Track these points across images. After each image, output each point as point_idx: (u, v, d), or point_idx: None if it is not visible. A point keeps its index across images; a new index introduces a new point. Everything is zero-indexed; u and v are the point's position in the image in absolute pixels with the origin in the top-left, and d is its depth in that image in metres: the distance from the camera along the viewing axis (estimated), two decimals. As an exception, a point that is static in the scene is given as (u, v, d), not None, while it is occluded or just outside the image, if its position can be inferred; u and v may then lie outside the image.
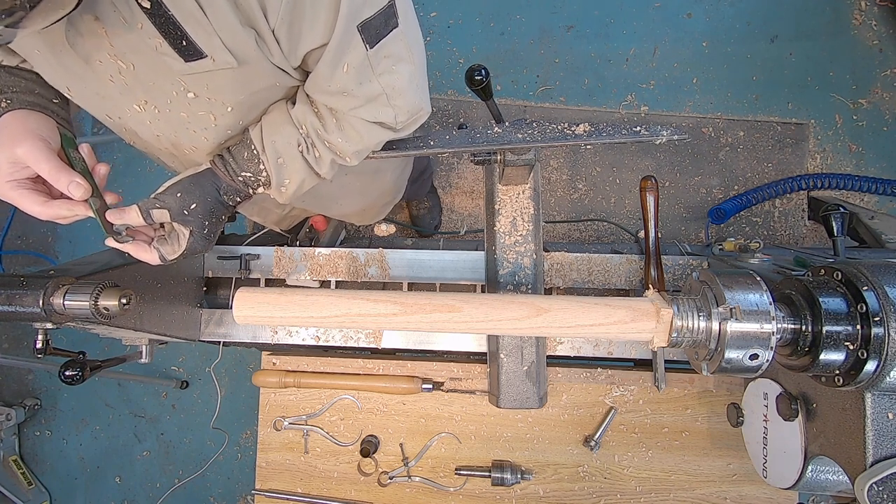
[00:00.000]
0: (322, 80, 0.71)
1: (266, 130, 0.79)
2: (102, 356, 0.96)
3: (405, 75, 0.75)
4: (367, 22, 0.66)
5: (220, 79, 0.69)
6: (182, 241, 0.80)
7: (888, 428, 0.65)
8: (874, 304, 0.64)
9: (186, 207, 0.78)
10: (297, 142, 0.79)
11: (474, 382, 1.16)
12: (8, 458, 2.31)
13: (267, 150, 0.79)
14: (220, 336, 1.12)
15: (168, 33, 0.62)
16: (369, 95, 0.74)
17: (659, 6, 2.19)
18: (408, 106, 0.78)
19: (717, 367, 0.69)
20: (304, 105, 0.78)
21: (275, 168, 0.80)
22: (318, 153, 0.81)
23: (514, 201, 1.04)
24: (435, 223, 2.11)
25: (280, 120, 0.79)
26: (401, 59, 0.73)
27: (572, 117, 2.16)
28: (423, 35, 0.80)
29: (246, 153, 0.79)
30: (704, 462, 1.12)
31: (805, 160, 2.11)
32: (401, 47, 0.72)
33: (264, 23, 0.63)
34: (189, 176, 0.79)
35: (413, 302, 0.73)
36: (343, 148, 0.80)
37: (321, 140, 0.79)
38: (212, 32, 0.62)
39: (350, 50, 0.68)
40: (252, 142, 0.79)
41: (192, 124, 0.77)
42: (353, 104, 0.74)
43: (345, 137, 0.79)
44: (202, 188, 0.79)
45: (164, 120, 0.77)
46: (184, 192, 0.78)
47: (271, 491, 1.17)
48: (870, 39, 2.14)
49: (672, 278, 1.08)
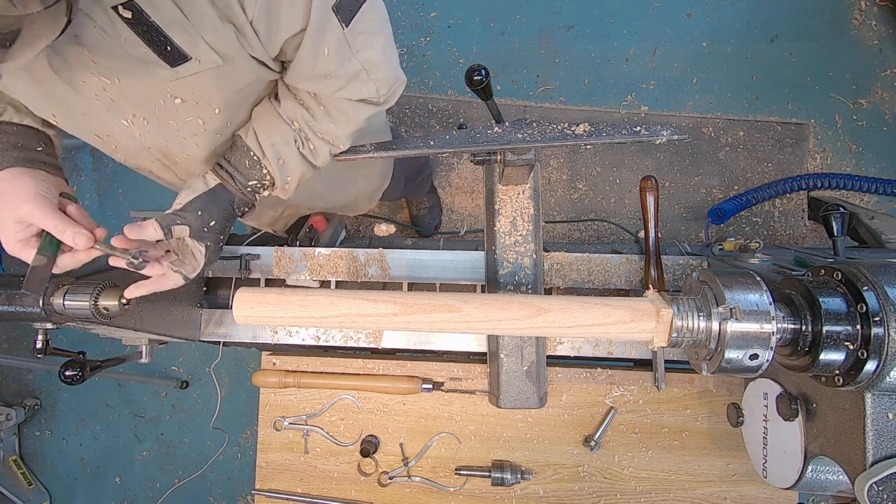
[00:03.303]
0: (306, 65, 0.73)
1: (261, 134, 0.79)
2: (102, 356, 0.96)
3: (379, 48, 0.76)
4: (340, 1, 0.68)
5: (206, 80, 0.70)
6: (199, 258, 0.80)
7: (888, 428, 0.65)
8: (874, 304, 0.63)
9: (206, 224, 0.79)
10: (292, 139, 0.80)
11: (474, 382, 1.16)
12: (8, 458, 2.31)
13: (268, 154, 0.80)
14: (220, 336, 1.12)
15: (151, 40, 0.62)
16: (351, 74, 0.75)
17: (659, 6, 2.19)
18: (387, 77, 0.80)
19: (717, 367, 0.69)
20: (289, 100, 0.79)
21: (277, 169, 0.81)
22: (312, 146, 0.82)
23: (514, 201, 1.04)
24: (435, 223, 2.11)
25: (272, 121, 0.80)
26: (373, 33, 0.75)
27: (572, 117, 2.16)
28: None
29: (247, 161, 0.80)
30: (704, 462, 1.12)
31: (805, 160, 2.11)
32: (371, 21, 0.74)
33: (242, 16, 0.64)
34: (205, 193, 0.80)
35: (413, 302, 0.73)
36: (336, 134, 0.82)
37: (314, 132, 0.81)
38: (195, 34, 0.63)
39: (328, 31, 0.70)
40: (250, 148, 0.80)
41: (182, 131, 0.78)
42: (338, 85, 0.76)
43: (335, 122, 0.81)
44: (219, 205, 0.81)
45: (153, 131, 0.77)
46: (203, 210, 0.79)
47: (271, 491, 1.17)
48: (870, 39, 2.14)
49: (672, 278, 1.08)
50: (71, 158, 2.40)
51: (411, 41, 2.21)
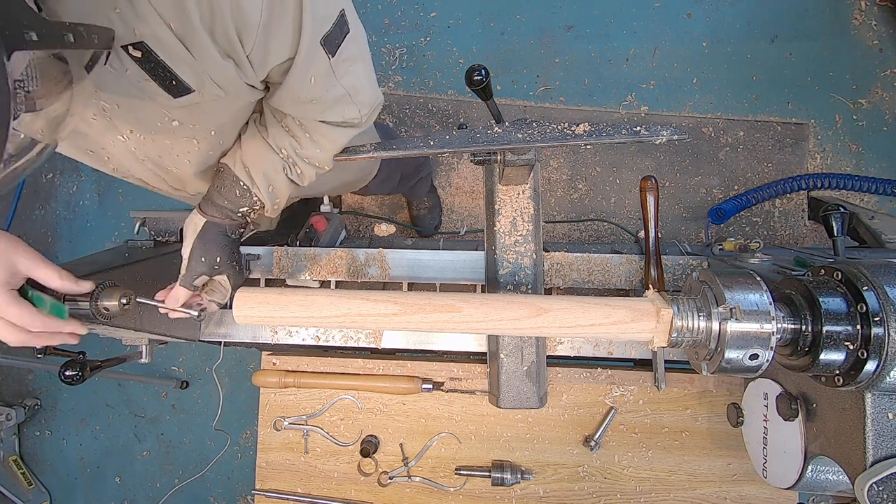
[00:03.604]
0: (293, 92, 0.75)
1: (251, 164, 0.84)
2: (102, 356, 0.96)
3: (360, 73, 0.80)
4: (327, 35, 0.70)
5: (205, 108, 0.72)
6: (226, 285, 0.90)
7: (888, 428, 0.65)
8: (874, 304, 0.63)
9: (214, 263, 0.87)
10: (281, 167, 0.85)
11: (474, 382, 1.16)
12: (8, 458, 2.31)
13: (258, 183, 0.85)
14: (220, 336, 1.12)
15: (157, 76, 0.64)
16: (335, 98, 0.79)
17: (659, 6, 2.19)
18: (368, 100, 0.84)
19: (717, 367, 0.69)
20: (276, 128, 0.84)
21: (267, 196, 0.87)
22: (300, 170, 0.88)
23: (514, 201, 1.04)
24: (435, 223, 2.11)
25: (261, 151, 0.84)
26: (355, 60, 0.78)
27: (572, 117, 2.16)
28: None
29: (237, 191, 0.85)
30: (704, 462, 1.12)
31: (805, 160, 2.11)
32: (354, 49, 0.77)
33: (241, 51, 0.66)
34: (197, 238, 0.86)
35: (413, 302, 0.73)
36: (321, 157, 0.87)
37: (301, 158, 0.86)
38: (200, 71, 0.65)
39: (315, 62, 0.72)
40: (240, 179, 0.84)
41: (176, 149, 0.81)
42: (322, 108, 0.79)
43: (320, 148, 0.85)
44: (214, 242, 0.87)
45: (148, 145, 0.79)
46: (204, 254, 0.86)
47: (271, 491, 1.17)
48: (870, 39, 2.14)
49: (672, 278, 1.08)
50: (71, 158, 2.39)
51: (411, 41, 2.21)
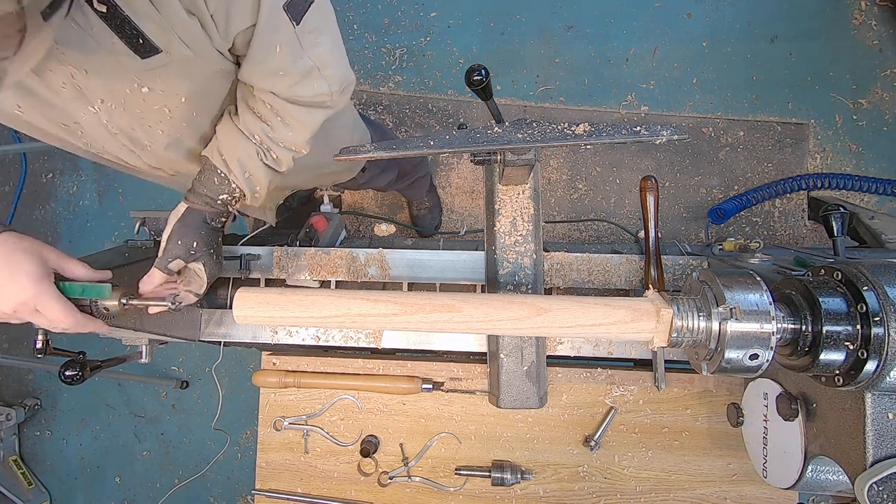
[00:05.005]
0: (259, 61, 0.75)
1: (225, 151, 0.85)
2: (102, 356, 0.96)
3: (328, 45, 0.79)
4: (290, 0, 0.71)
5: (173, 71, 0.72)
6: (202, 275, 0.90)
7: (888, 428, 0.65)
8: (874, 304, 0.63)
9: (190, 248, 0.87)
10: (255, 152, 0.85)
11: (474, 382, 1.16)
12: (8, 458, 2.31)
13: (234, 170, 0.85)
14: (220, 336, 1.12)
15: (123, 33, 0.64)
16: (303, 70, 0.78)
17: (659, 6, 2.19)
18: (337, 75, 0.83)
19: (717, 367, 0.69)
20: (247, 114, 0.84)
21: (245, 182, 0.87)
22: (275, 155, 0.88)
23: (514, 201, 1.04)
24: (435, 223, 2.11)
25: (234, 138, 0.84)
26: (322, 31, 0.78)
27: (572, 117, 2.16)
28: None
29: (215, 179, 0.86)
30: (704, 462, 1.12)
31: (805, 160, 2.11)
32: (320, 19, 0.76)
33: (205, 8, 0.66)
34: (177, 223, 0.87)
35: (413, 302, 0.73)
36: (295, 141, 0.87)
37: (274, 142, 0.86)
38: (167, 28, 0.65)
39: (279, 29, 0.72)
40: (216, 167, 0.85)
41: (148, 118, 0.80)
42: (291, 81, 0.79)
43: (293, 130, 0.85)
44: (192, 227, 0.87)
45: (119, 116, 0.79)
46: (181, 237, 0.86)
47: (271, 491, 1.18)
48: (870, 39, 2.14)
49: (672, 278, 1.08)
50: (71, 158, 2.40)
51: (411, 41, 2.21)
